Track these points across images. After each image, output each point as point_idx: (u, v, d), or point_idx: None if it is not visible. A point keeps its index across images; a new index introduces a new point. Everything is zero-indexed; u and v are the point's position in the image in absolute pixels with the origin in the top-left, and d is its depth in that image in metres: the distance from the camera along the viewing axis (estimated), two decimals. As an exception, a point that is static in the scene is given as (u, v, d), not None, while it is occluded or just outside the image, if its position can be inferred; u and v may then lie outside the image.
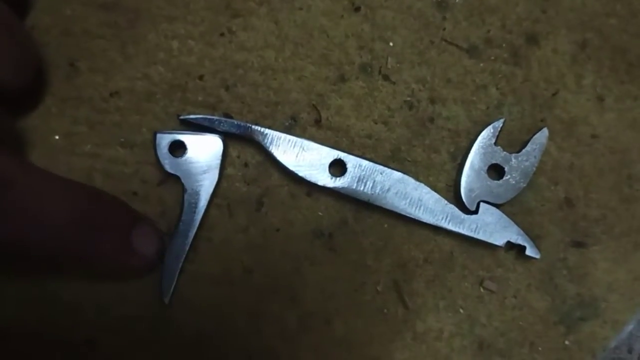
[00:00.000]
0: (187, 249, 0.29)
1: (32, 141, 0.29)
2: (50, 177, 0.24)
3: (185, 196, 0.29)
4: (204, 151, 0.29)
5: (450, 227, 0.29)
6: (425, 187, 0.29)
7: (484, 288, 0.30)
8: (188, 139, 0.29)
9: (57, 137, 0.30)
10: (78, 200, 0.24)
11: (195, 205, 0.29)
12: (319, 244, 0.30)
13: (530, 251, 0.29)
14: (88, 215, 0.24)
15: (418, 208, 0.29)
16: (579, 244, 0.31)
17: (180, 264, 0.29)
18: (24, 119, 0.30)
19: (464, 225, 0.29)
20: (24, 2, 0.29)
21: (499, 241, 0.29)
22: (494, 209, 0.29)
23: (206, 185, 0.29)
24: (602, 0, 0.32)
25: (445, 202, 0.29)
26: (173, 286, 0.29)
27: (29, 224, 0.23)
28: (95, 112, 0.30)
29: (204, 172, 0.29)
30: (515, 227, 0.29)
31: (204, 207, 0.29)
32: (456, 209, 0.29)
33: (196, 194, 0.29)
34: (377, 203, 0.29)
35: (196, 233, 0.29)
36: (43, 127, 0.30)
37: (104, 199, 0.26)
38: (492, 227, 0.29)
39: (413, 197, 0.29)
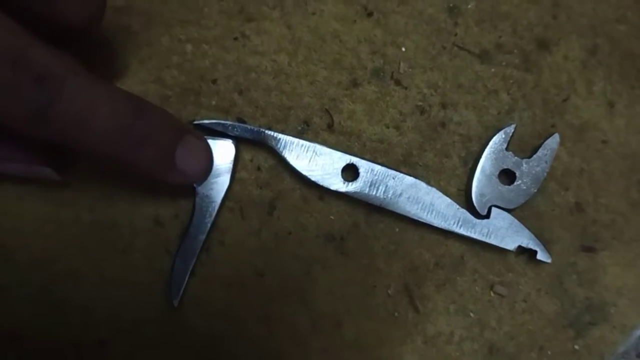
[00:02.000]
0: (197, 252, 0.29)
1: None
2: (95, 81, 0.23)
3: (197, 199, 0.29)
4: (216, 155, 0.29)
5: (462, 231, 0.29)
6: (437, 191, 0.29)
7: (494, 292, 0.31)
8: None
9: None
10: (120, 108, 0.24)
11: (206, 209, 0.29)
12: (331, 247, 0.30)
13: (541, 255, 0.29)
14: (129, 125, 0.24)
15: (430, 213, 0.29)
16: (588, 249, 0.31)
17: (190, 268, 0.29)
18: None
19: (476, 230, 0.30)
20: None
21: (510, 245, 0.29)
22: (505, 213, 0.30)
23: (218, 190, 0.29)
24: (612, 7, 0.32)
25: (457, 206, 0.29)
26: (182, 289, 0.29)
27: (70, 125, 0.23)
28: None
29: (217, 176, 0.29)
30: (526, 232, 0.29)
31: (215, 211, 0.29)
32: (468, 213, 0.30)
33: (208, 197, 0.29)
34: (389, 208, 0.29)
35: (209, 236, 0.29)
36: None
37: (148, 110, 0.25)
38: (503, 232, 0.29)
39: (425, 201, 0.29)
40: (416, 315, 0.30)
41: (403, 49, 0.31)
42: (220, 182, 0.29)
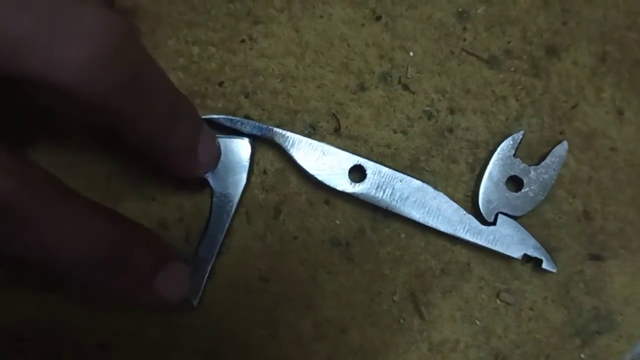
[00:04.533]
0: (215, 251, 0.29)
1: (53, 145, 0.30)
2: (72, 209, 0.22)
3: (214, 199, 0.29)
4: (232, 154, 0.29)
5: (468, 237, 0.29)
6: (444, 196, 0.29)
7: (500, 300, 0.30)
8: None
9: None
10: (98, 238, 0.22)
11: (223, 207, 0.29)
12: (336, 252, 0.30)
13: (546, 265, 0.29)
14: (107, 255, 0.23)
15: (436, 217, 0.29)
16: (596, 257, 0.31)
17: (209, 267, 0.29)
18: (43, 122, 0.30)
19: (482, 236, 0.29)
20: None
21: (516, 253, 0.29)
22: (512, 221, 0.29)
23: (235, 188, 0.29)
24: (623, 14, 0.32)
25: (464, 212, 0.29)
26: (202, 289, 0.29)
27: (32, 254, 0.21)
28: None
29: (234, 174, 0.29)
30: (532, 240, 0.29)
31: (233, 209, 0.29)
32: (474, 219, 0.29)
33: (225, 196, 0.29)
34: (396, 211, 0.29)
35: (227, 235, 0.29)
36: (63, 129, 0.30)
37: (131, 237, 0.24)
38: (509, 239, 0.29)
39: (432, 206, 0.29)
40: (422, 322, 0.30)
41: (411, 54, 0.31)
42: (237, 180, 0.29)
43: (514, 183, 0.30)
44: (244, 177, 0.29)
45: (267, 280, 0.30)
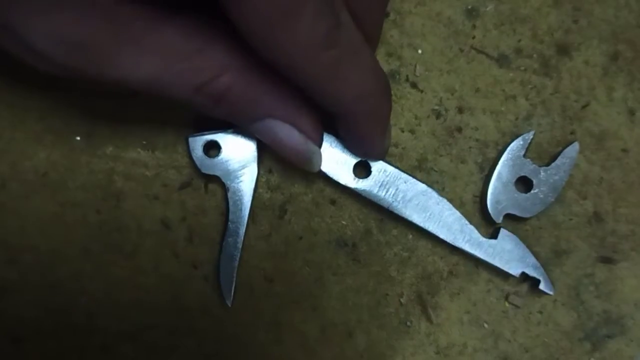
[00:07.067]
0: (240, 246, 0.28)
1: (53, 141, 0.29)
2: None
3: (229, 194, 0.28)
4: (239, 147, 0.28)
5: (467, 248, 0.28)
6: (448, 203, 0.28)
7: (509, 303, 0.30)
8: (221, 137, 0.28)
9: (78, 138, 0.29)
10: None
11: (240, 201, 0.28)
12: (342, 253, 0.30)
13: (544, 286, 0.28)
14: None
15: (437, 223, 0.28)
16: (606, 260, 0.30)
17: (236, 263, 0.28)
18: (44, 119, 0.29)
19: (481, 249, 0.28)
20: None
21: (514, 271, 0.28)
22: (514, 236, 0.28)
23: (248, 180, 0.28)
24: (634, 12, 0.31)
25: (466, 222, 0.28)
26: (233, 288, 0.28)
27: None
28: (117, 113, 0.29)
29: (243, 167, 0.28)
30: (532, 259, 0.28)
31: (250, 202, 0.28)
32: (475, 231, 0.28)
33: (239, 190, 0.28)
34: (397, 212, 0.28)
35: (248, 228, 0.29)
36: (64, 127, 0.29)
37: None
38: (509, 255, 0.28)
39: (434, 211, 0.28)
40: (429, 325, 0.29)
41: (419, 51, 0.30)
42: (248, 173, 0.28)
43: (524, 184, 0.29)
44: (254, 167, 0.28)
45: (272, 280, 0.29)
